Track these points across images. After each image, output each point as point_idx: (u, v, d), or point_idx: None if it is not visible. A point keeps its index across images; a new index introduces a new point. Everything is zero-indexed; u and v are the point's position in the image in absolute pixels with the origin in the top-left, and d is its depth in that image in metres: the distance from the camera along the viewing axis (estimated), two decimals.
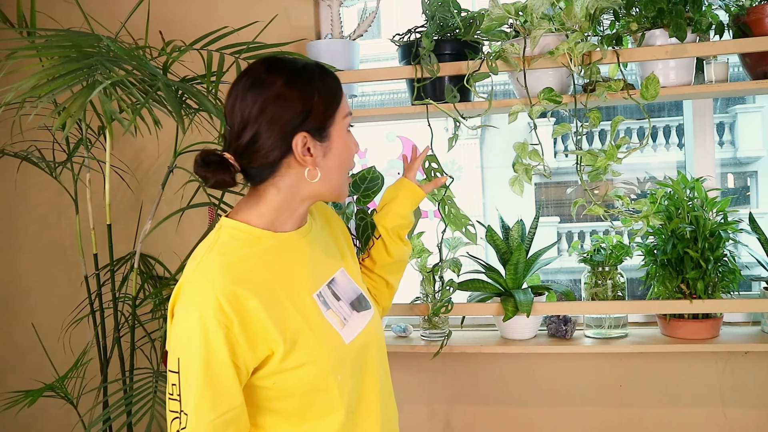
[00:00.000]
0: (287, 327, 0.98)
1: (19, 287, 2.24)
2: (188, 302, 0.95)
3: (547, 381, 1.92)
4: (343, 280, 1.14)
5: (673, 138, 5.53)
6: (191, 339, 0.92)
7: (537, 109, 1.63)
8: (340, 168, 1.05)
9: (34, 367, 2.18)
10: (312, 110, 1.00)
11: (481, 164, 6.26)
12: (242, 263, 0.99)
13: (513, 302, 1.76)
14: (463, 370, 1.96)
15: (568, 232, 6.94)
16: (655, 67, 1.65)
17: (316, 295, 1.06)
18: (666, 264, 1.73)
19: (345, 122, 1.05)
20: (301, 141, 1.00)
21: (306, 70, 1.03)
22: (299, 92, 0.99)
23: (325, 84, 1.03)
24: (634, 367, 1.86)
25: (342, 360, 1.04)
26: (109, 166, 1.74)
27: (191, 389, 0.93)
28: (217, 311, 0.92)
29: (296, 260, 1.06)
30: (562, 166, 5.21)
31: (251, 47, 1.69)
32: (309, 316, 1.02)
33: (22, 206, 2.23)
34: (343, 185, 1.07)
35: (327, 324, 1.04)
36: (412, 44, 1.76)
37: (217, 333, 0.92)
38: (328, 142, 1.03)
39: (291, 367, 0.99)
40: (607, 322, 1.83)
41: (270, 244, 1.03)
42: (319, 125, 1.01)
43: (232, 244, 1.00)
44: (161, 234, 2.06)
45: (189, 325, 0.93)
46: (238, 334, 0.94)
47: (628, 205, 1.62)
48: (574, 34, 1.60)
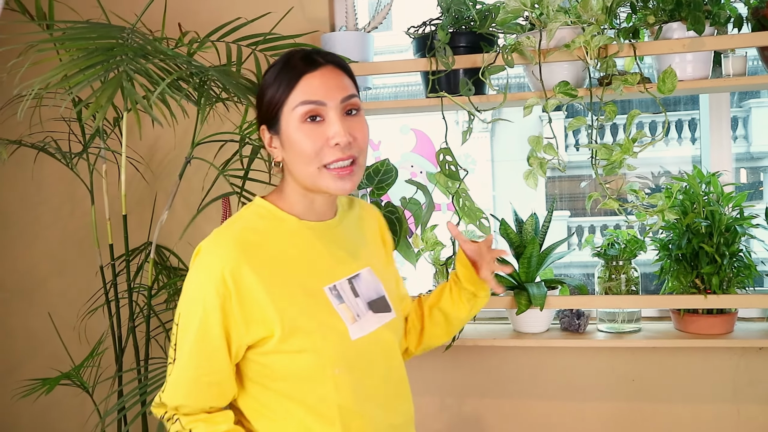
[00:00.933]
0: (289, 311, 1.01)
1: (35, 277, 2.26)
2: (198, 265, 1.02)
3: (560, 375, 1.92)
4: (369, 278, 1.14)
5: (686, 132, 5.48)
6: (193, 299, 1.00)
7: (552, 102, 1.62)
8: (300, 159, 1.02)
9: (50, 356, 2.20)
10: (263, 103, 1.05)
11: (492, 157, 6.24)
12: (257, 242, 1.03)
13: (526, 296, 1.75)
14: (475, 363, 1.97)
15: (579, 226, 6.91)
16: (672, 61, 1.64)
17: (328, 288, 1.06)
18: (681, 259, 1.73)
19: (295, 113, 1.01)
20: (263, 133, 1.08)
21: (275, 64, 1.07)
22: (261, 86, 1.07)
23: (277, 76, 1.04)
24: (647, 362, 1.86)
25: (343, 354, 1.04)
26: (124, 156, 1.75)
27: (184, 344, 1.01)
28: (219, 282, 0.97)
29: (314, 250, 1.08)
30: (573, 159, 5.18)
31: (267, 38, 1.70)
32: (316, 306, 1.04)
33: (37, 196, 2.24)
34: (313, 177, 1.03)
35: (335, 316, 1.05)
36: (426, 37, 1.75)
37: (214, 301, 0.98)
38: (282, 134, 1.04)
39: (289, 350, 1.01)
40: (620, 317, 1.82)
41: (291, 229, 1.07)
42: (270, 118, 1.05)
43: (254, 221, 1.06)
44: (175, 225, 2.07)
45: (194, 286, 1.01)
46: (235, 308, 0.99)
47: (643, 199, 1.61)
48: (591, 26, 1.59)
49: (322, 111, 1.01)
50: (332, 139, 1.00)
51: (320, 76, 1.02)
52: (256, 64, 1.60)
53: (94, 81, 1.12)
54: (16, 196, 2.25)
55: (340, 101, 1.02)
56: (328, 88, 1.02)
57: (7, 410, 2.24)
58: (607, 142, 1.64)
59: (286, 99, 1.02)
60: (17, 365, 2.25)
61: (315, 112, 1.01)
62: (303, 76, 1.02)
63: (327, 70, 1.03)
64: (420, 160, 2.45)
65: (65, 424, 2.22)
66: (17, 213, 2.26)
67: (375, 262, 1.18)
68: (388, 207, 1.85)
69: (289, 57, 1.05)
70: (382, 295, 1.14)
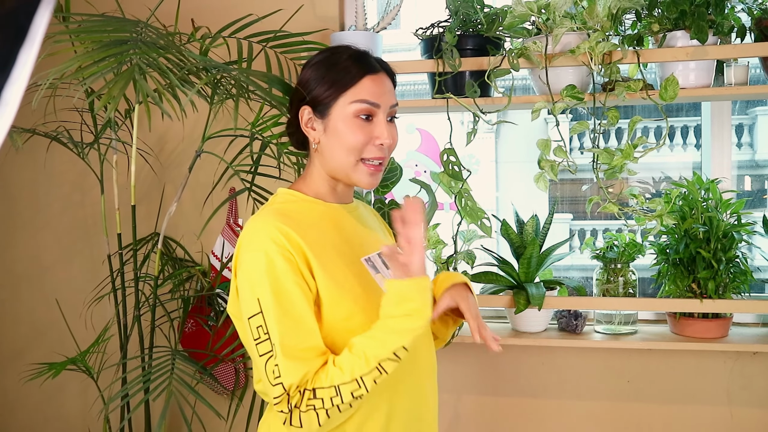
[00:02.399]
0: (336, 276, 1.05)
1: (42, 263, 2.30)
2: (251, 249, 1.03)
3: (557, 374, 1.96)
4: None
5: (690, 138, 5.50)
6: (262, 277, 1.01)
7: (560, 106, 1.66)
8: (340, 148, 1.10)
9: (55, 342, 2.24)
10: (318, 87, 1.10)
11: (496, 158, 6.27)
12: (295, 217, 1.08)
13: (525, 295, 1.79)
14: (473, 361, 2.00)
15: (581, 229, 6.93)
16: (675, 69, 1.67)
17: (365, 259, 1.13)
18: (678, 263, 1.76)
19: (351, 108, 1.09)
20: (305, 113, 1.12)
21: (336, 54, 1.13)
22: (316, 69, 1.12)
23: (340, 67, 1.11)
24: (643, 364, 1.89)
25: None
26: (135, 148, 1.79)
27: (272, 322, 1.00)
28: (279, 246, 1.01)
29: (345, 226, 1.15)
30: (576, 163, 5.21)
31: (278, 35, 1.73)
32: (358, 273, 1.09)
33: (47, 184, 2.28)
34: (348, 167, 1.10)
35: (375, 284, 1.11)
36: (434, 38, 1.78)
37: (283, 265, 1.01)
38: (328, 120, 1.10)
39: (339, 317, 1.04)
40: (617, 319, 1.85)
41: (320, 208, 1.13)
42: (321, 103, 1.10)
43: (287, 204, 1.12)
44: (181, 217, 2.11)
45: (257, 267, 1.01)
46: (301, 266, 1.02)
47: (642, 204, 1.64)
48: (596, 33, 1.62)
49: (374, 112, 1.10)
50: (378, 140, 1.10)
51: (378, 80, 1.11)
52: (266, 60, 1.63)
53: (107, 73, 1.16)
54: (27, 184, 2.29)
55: (389, 107, 1.12)
56: (383, 92, 1.11)
57: (15, 394, 2.28)
58: (611, 147, 1.67)
59: (345, 91, 1.09)
60: (24, 350, 2.29)
61: (369, 111, 1.10)
62: (366, 75, 1.10)
63: (383, 75, 1.13)
64: (424, 159, 2.48)
65: (70, 409, 2.26)
66: (28, 200, 2.30)
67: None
68: (392, 205, 1.89)
69: (351, 52, 1.13)
70: None
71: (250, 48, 1.61)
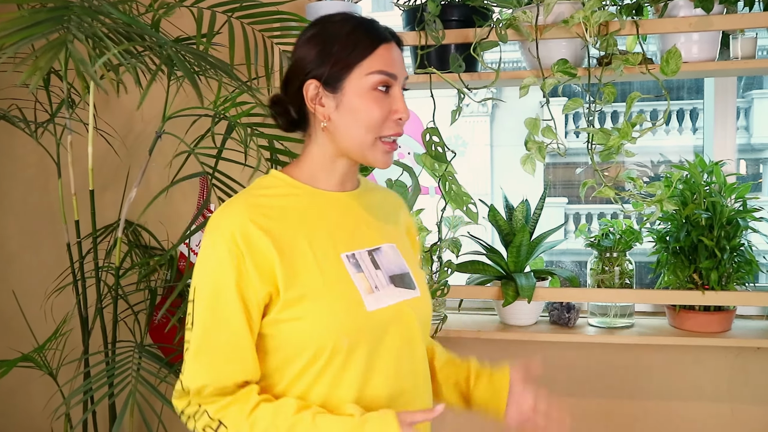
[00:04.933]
0: (299, 277, 0.96)
1: (5, 251, 2.17)
2: (208, 234, 0.98)
3: (548, 370, 1.81)
4: (391, 253, 1.08)
5: (687, 122, 5.37)
6: (205, 267, 0.96)
7: (550, 82, 1.52)
8: (357, 125, 0.98)
9: (18, 334, 2.11)
10: (327, 59, 0.99)
11: (491, 142, 6.13)
12: (267, 204, 1.00)
13: (514, 286, 1.67)
14: (459, 354, 1.87)
15: (576, 213, 6.82)
16: (677, 41, 1.53)
17: (346, 256, 1.01)
18: (678, 252, 1.64)
19: (368, 80, 0.98)
20: (312, 88, 1.00)
21: (346, 21, 1.02)
22: (322, 39, 1.00)
23: (351, 36, 0.99)
24: (640, 359, 1.78)
25: (356, 324, 0.97)
26: (92, 128, 1.65)
27: (199, 314, 0.95)
28: (230, 242, 0.94)
29: (331, 217, 1.03)
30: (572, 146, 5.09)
31: (244, 5, 1.59)
32: (329, 272, 0.98)
33: (9, 167, 2.14)
34: (365, 146, 0.99)
35: (349, 284, 0.99)
36: (417, 9, 1.64)
37: (227, 261, 0.94)
38: (341, 95, 0.99)
39: (296, 317, 0.95)
40: (612, 311, 1.73)
41: (305, 196, 1.03)
42: (332, 75, 0.98)
43: (268, 189, 1.02)
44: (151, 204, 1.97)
45: (205, 256, 0.97)
46: (249, 267, 0.94)
47: (641, 188, 1.52)
48: (591, 1, 1.48)
49: (392, 83, 1.01)
50: (397, 114, 1.00)
51: (393, 49, 1.02)
52: (230, 32, 1.49)
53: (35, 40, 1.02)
54: None
55: (404, 78, 1.03)
56: (399, 62, 1.03)
57: None
58: (607, 126, 1.54)
59: (361, 62, 0.98)
60: None
61: (388, 83, 1.00)
62: (381, 44, 1.00)
63: (393, 44, 1.03)
64: (408, 140, 2.34)
65: (30, 406, 2.14)
66: None
67: (400, 244, 1.12)
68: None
69: (359, 19, 1.02)
70: (406, 272, 1.08)
71: (212, 18, 1.46)
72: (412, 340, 1.05)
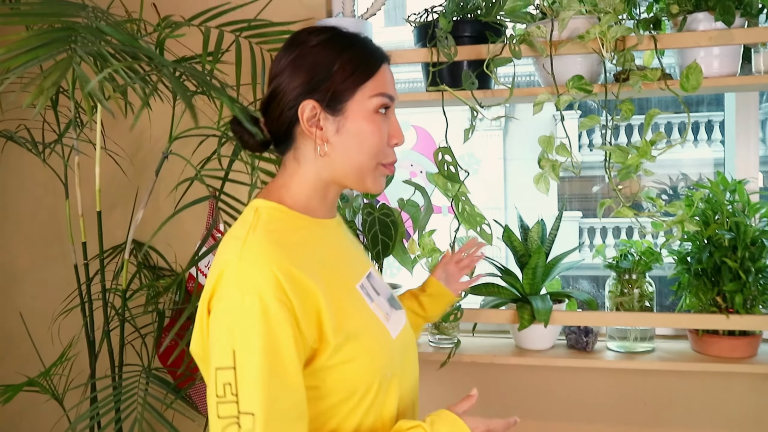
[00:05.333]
0: (341, 316, 0.87)
1: (14, 271, 2.15)
2: (241, 285, 0.81)
3: (565, 395, 1.78)
4: (377, 275, 1.05)
5: (702, 134, 5.27)
6: (249, 326, 0.79)
7: (565, 99, 1.48)
8: (359, 150, 0.92)
9: (26, 356, 2.09)
10: (328, 78, 0.91)
11: (504, 156, 6.08)
12: (290, 244, 0.88)
13: (530, 310, 1.61)
14: (473, 381, 1.82)
15: (591, 227, 6.74)
16: (697, 55, 1.48)
17: (359, 286, 0.96)
18: (701, 274, 1.57)
19: (372, 102, 0.92)
20: (308, 109, 0.91)
21: (340, 37, 0.94)
22: (321, 56, 0.92)
23: (355, 55, 0.93)
24: (661, 385, 1.71)
25: (390, 356, 0.93)
26: (99, 149, 1.62)
27: (255, 384, 0.78)
28: (278, 290, 0.81)
29: (338, 248, 0.98)
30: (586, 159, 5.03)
31: (253, 25, 1.56)
32: (359, 306, 0.93)
33: (18, 186, 2.13)
34: (366, 172, 0.94)
35: (374, 316, 0.94)
36: (428, 25, 1.61)
37: (280, 314, 0.80)
38: (342, 118, 0.92)
39: (341, 361, 0.87)
40: (632, 335, 1.67)
41: (311, 228, 0.94)
42: (334, 96, 0.91)
43: (276, 223, 0.90)
44: (157, 222, 1.95)
45: (245, 311, 0.80)
46: (300, 318, 0.82)
47: (661, 208, 1.46)
48: (607, 16, 1.44)
49: (391, 105, 0.96)
50: (395, 139, 0.96)
51: (389, 69, 0.97)
52: (237, 52, 1.46)
53: (42, 62, 0.99)
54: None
55: (396, 100, 0.98)
56: (393, 83, 0.98)
57: None
58: (620, 142, 1.49)
59: (365, 83, 0.92)
60: None
61: (388, 105, 0.94)
62: (383, 63, 0.95)
63: (388, 64, 0.98)
64: (420, 158, 2.30)
65: (36, 430, 2.11)
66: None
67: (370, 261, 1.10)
68: (382, 209, 1.72)
69: (356, 35, 0.96)
70: (391, 292, 1.06)
71: (219, 37, 1.44)
72: (416, 355, 1.06)
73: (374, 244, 1.70)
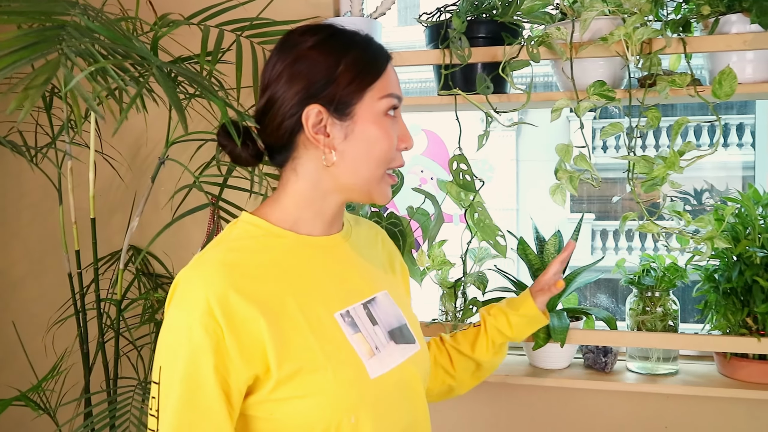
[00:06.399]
0: (293, 347, 0.80)
1: (9, 278, 2.08)
2: (178, 302, 0.81)
3: (581, 419, 1.68)
4: (386, 302, 0.94)
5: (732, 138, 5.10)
6: (175, 346, 0.78)
7: (585, 105, 1.38)
8: (368, 158, 0.86)
9: (22, 367, 2.01)
10: (333, 80, 0.84)
11: (516, 157, 5.97)
12: (246, 263, 0.83)
13: (545, 328, 1.51)
14: (484, 402, 1.72)
15: (603, 230, 6.60)
16: (729, 60, 1.38)
17: (340, 315, 0.86)
18: (729, 293, 1.47)
19: (381, 104, 0.86)
20: (314, 114, 0.84)
21: (340, 36, 0.87)
22: (323, 57, 0.85)
23: (360, 55, 0.85)
24: (685, 410, 1.60)
25: (361, 397, 0.83)
26: (92, 154, 1.55)
27: (169, 406, 0.78)
28: (206, 315, 0.77)
29: (319, 269, 0.88)
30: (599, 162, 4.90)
31: (255, 24, 1.48)
32: (325, 338, 0.83)
33: (15, 191, 2.06)
34: (373, 181, 0.87)
35: (349, 350, 0.84)
36: (441, 25, 1.52)
37: (203, 341, 0.77)
38: (351, 123, 0.85)
39: (292, 395, 0.79)
40: (654, 355, 1.57)
41: (289, 246, 0.88)
42: (341, 100, 0.84)
43: (244, 241, 0.86)
44: (157, 229, 1.87)
45: (175, 329, 0.79)
46: (230, 346, 0.78)
47: (689, 223, 1.36)
48: (633, 17, 1.34)
49: (398, 107, 0.90)
50: (404, 142, 0.90)
51: (394, 69, 0.92)
52: (237, 51, 1.37)
53: (26, 64, 0.91)
54: None
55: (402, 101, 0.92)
56: (399, 83, 0.92)
57: None
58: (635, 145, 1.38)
59: (373, 84, 0.86)
60: None
61: (396, 106, 0.89)
62: (388, 62, 0.89)
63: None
64: (431, 164, 2.21)
65: None
66: None
67: (391, 286, 0.99)
68: (390, 218, 1.63)
69: (370, 39, 0.89)
70: (403, 323, 0.95)
71: (219, 36, 1.35)
72: (415, 399, 0.92)
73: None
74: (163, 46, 1.63)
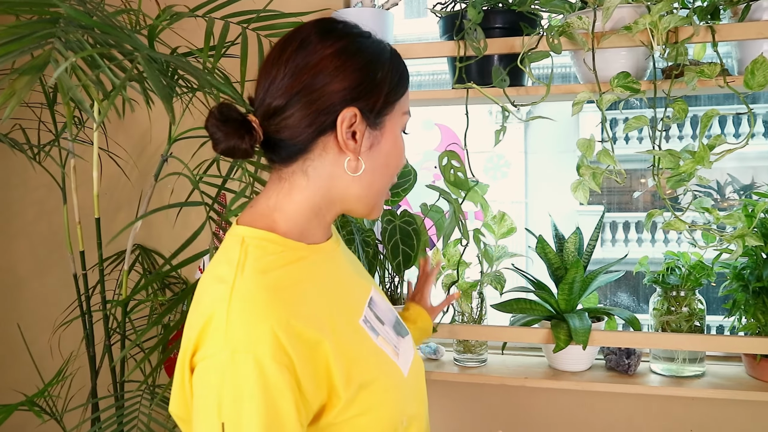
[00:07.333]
0: (353, 364, 0.74)
1: (15, 277, 2.04)
2: (231, 344, 0.67)
3: (603, 423, 1.62)
4: (379, 299, 0.90)
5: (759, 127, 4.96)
6: (244, 396, 0.65)
7: (608, 98, 1.32)
8: (385, 171, 0.81)
9: (28, 369, 1.98)
10: (377, 84, 0.77)
11: (525, 149, 5.90)
12: (289, 286, 0.73)
13: (566, 329, 1.46)
14: (502, 405, 1.67)
15: (613, 222, 6.52)
16: (761, 49, 1.32)
17: (362, 321, 0.81)
18: (759, 292, 1.41)
19: (402, 119, 0.83)
20: (349, 118, 0.76)
21: (379, 41, 0.81)
22: (374, 56, 0.78)
23: (396, 65, 0.80)
24: (711, 413, 1.55)
25: (405, 398, 0.80)
26: (96, 152, 1.50)
27: None
28: (278, 350, 0.67)
29: (338, 276, 0.83)
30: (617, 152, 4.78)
31: (262, 16, 1.42)
32: (364, 347, 0.78)
33: (20, 188, 2.02)
34: (381, 196, 0.83)
35: (383, 355, 0.80)
36: (455, 16, 1.46)
37: (279, 379, 0.66)
38: (379, 133, 0.79)
39: (354, 415, 0.73)
40: (680, 356, 1.52)
41: (309, 258, 0.79)
42: (378, 108, 0.78)
43: (267, 259, 0.74)
44: (165, 227, 1.83)
45: (238, 377, 0.66)
46: (302, 379, 0.68)
47: (718, 220, 1.30)
48: (659, 5, 1.27)
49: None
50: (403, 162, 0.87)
51: None
52: (242, 45, 1.32)
53: (16, 57, 0.86)
54: None
55: None
56: None
57: None
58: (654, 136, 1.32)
59: (402, 96, 0.82)
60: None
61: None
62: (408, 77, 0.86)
63: None
64: None
65: None
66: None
67: (372, 281, 0.96)
68: (404, 216, 1.58)
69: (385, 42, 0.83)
70: (397, 316, 0.92)
71: (224, 29, 1.30)
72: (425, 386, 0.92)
73: (395, 255, 1.56)
74: (167, 42, 1.58)
